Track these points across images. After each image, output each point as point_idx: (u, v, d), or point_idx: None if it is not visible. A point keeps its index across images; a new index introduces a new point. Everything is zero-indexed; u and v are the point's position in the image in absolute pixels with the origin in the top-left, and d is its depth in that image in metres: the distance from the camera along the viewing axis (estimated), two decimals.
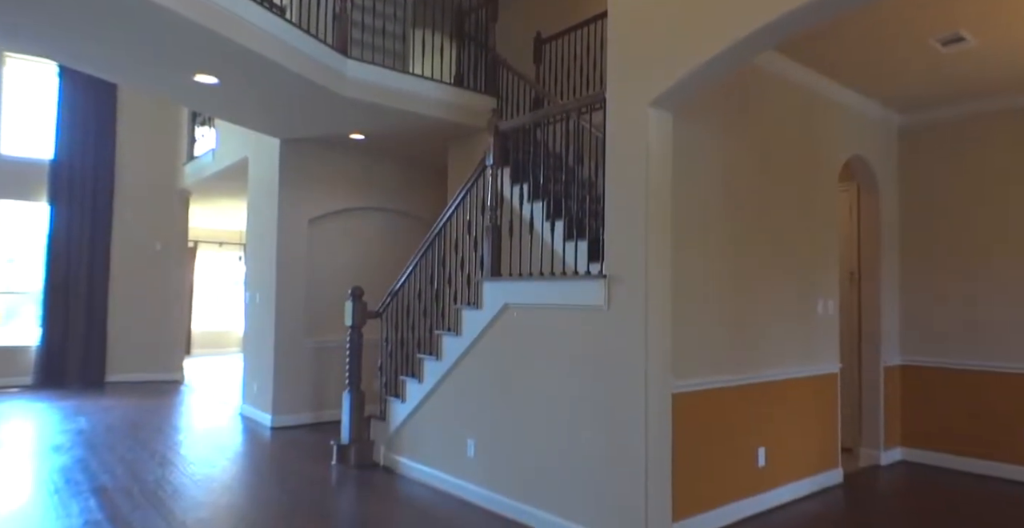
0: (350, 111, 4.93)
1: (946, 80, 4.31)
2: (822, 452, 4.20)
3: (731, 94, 3.69)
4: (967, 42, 3.69)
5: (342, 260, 6.28)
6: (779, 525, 3.49)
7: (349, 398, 4.58)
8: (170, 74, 4.26)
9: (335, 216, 6.26)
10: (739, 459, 3.59)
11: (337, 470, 4.40)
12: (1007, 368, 4.52)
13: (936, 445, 4.82)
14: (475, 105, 5.24)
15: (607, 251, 3.06)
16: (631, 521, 2.88)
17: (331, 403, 5.98)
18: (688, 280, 3.33)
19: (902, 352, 5.02)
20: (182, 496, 3.79)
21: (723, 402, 3.50)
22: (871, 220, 5.00)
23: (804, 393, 4.08)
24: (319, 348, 6.02)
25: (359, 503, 3.77)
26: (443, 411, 4.04)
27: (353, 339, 4.62)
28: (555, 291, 3.31)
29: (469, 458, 3.80)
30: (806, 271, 4.18)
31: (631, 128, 2.99)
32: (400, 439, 4.40)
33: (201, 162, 7.91)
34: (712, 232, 3.52)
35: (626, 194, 2.99)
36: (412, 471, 4.24)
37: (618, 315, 2.99)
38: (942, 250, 4.90)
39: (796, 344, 4.06)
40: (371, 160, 6.46)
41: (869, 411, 4.86)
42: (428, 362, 4.15)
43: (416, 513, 3.59)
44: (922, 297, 4.97)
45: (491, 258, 3.82)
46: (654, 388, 2.88)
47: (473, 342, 3.83)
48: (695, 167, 3.43)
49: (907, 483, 4.34)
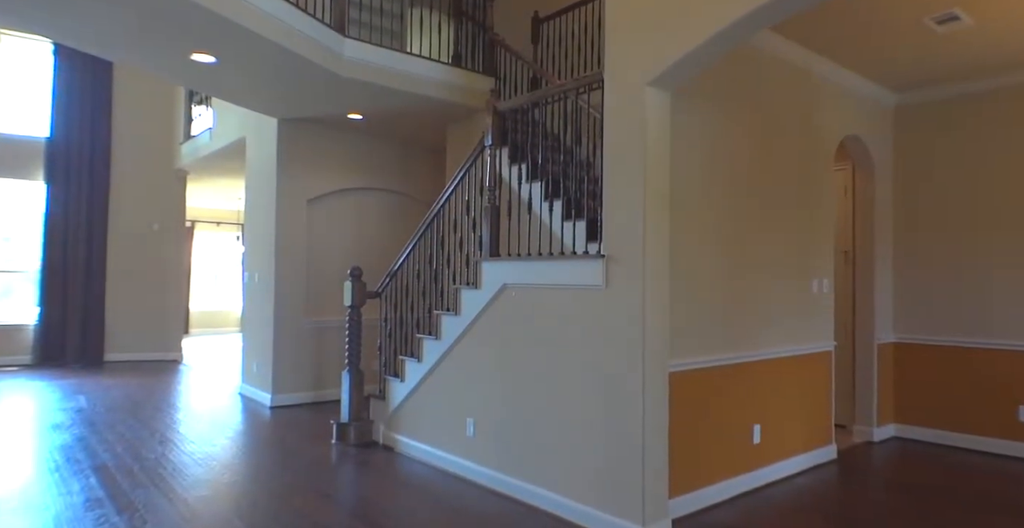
0: (348, 91, 4.91)
1: (941, 59, 4.31)
2: (816, 429, 4.27)
3: (727, 74, 3.69)
4: (961, 21, 3.68)
5: (341, 240, 6.29)
6: (773, 500, 3.56)
7: (348, 377, 4.63)
8: (166, 53, 4.23)
9: (334, 196, 6.25)
10: (734, 436, 3.65)
11: (337, 449, 4.46)
12: (997, 345, 4.58)
13: (928, 421, 4.90)
14: (473, 85, 5.21)
15: (605, 231, 3.08)
16: (628, 497, 2.94)
17: (330, 382, 6.04)
18: (684, 259, 3.36)
19: (895, 330, 5.08)
20: (183, 474, 3.85)
21: (719, 380, 3.55)
22: (866, 199, 5.02)
23: (799, 371, 4.14)
24: (318, 328, 6.05)
25: (359, 481, 3.83)
26: (442, 390, 4.09)
27: (352, 319, 4.65)
28: (553, 271, 3.33)
29: (468, 437, 3.85)
30: (801, 250, 4.21)
31: (629, 108, 2.98)
32: (399, 418, 4.45)
33: (198, 142, 7.86)
34: (708, 212, 3.54)
35: (624, 174, 3.00)
36: (411, 450, 4.30)
37: (616, 295, 3.02)
38: (935, 229, 4.93)
39: (791, 322, 4.10)
40: (369, 140, 6.43)
41: (862, 388, 4.94)
42: (427, 342, 4.19)
43: (415, 491, 3.65)
44: (915, 275, 5.02)
45: (490, 238, 3.83)
46: (651, 367, 2.92)
47: (472, 322, 3.86)
48: (691, 147, 3.44)
49: (899, 459, 4.42)
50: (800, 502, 3.54)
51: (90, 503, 3.32)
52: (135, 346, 8.55)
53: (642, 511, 2.88)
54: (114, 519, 3.11)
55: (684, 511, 3.29)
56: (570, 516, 3.18)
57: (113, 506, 3.29)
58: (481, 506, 3.40)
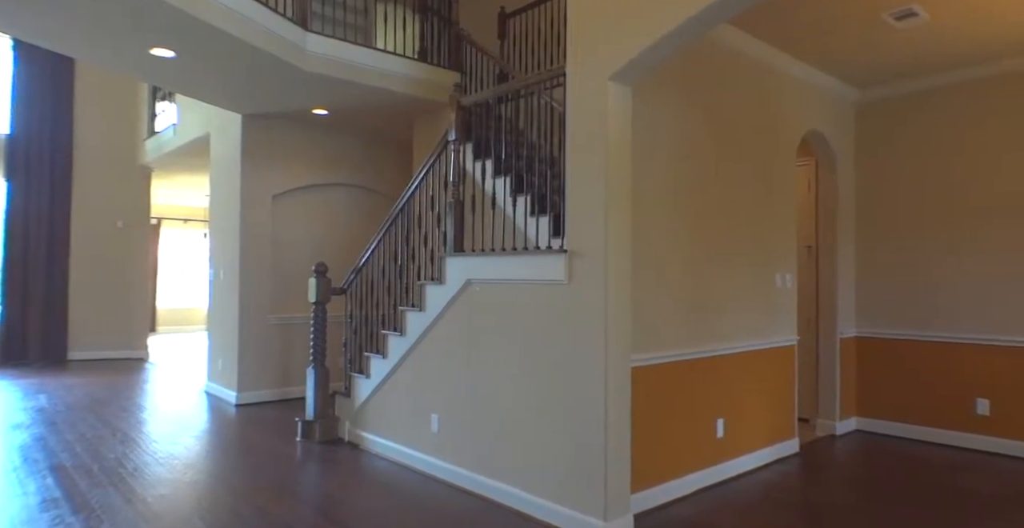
0: (312, 86, 4.84)
1: (899, 55, 4.38)
2: (779, 423, 4.33)
3: (689, 69, 3.71)
4: (919, 17, 3.74)
5: (306, 236, 6.22)
6: (736, 495, 3.60)
7: (314, 374, 4.58)
8: (125, 48, 4.13)
9: (299, 192, 6.18)
10: (698, 430, 3.69)
11: (302, 446, 4.42)
12: (956, 338, 4.68)
13: (889, 414, 4.99)
14: (439, 80, 5.18)
15: (567, 226, 3.08)
16: (590, 493, 2.95)
17: (296, 380, 5.98)
18: (647, 254, 3.37)
19: (857, 324, 5.17)
20: (143, 473, 3.78)
21: (683, 374, 3.58)
22: (828, 195, 5.09)
23: (763, 365, 4.19)
24: (284, 325, 5.98)
25: (323, 478, 3.79)
26: (407, 386, 4.06)
27: (317, 315, 4.60)
28: (517, 266, 3.33)
29: (433, 433, 3.84)
30: (765, 245, 4.25)
31: (591, 102, 2.99)
32: (365, 415, 4.42)
33: (162, 138, 7.71)
34: (671, 206, 3.56)
35: (586, 168, 3.00)
36: (376, 446, 4.27)
37: (579, 290, 3.02)
38: (895, 224, 5.02)
39: (755, 317, 4.15)
40: (335, 136, 6.36)
41: (825, 382, 5.01)
42: (392, 338, 4.16)
43: (380, 487, 3.63)
44: (876, 270, 5.11)
45: (454, 234, 3.81)
46: (614, 361, 2.93)
47: (436, 318, 3.84)
48: (654, 142, 3.45)
49: (861, 452, 4.50)
50: (763, 496, 3.58)
51: (46, 504, 3.24)
52: (99, 344, 8.37)
53: (604, 506, 2.89)
54: (69, 520, 3.04)
55: (646, 506, 3.31)
56: (533, 512, 3.19)
57: (69, 506, 3.21)
58: (445, 502, 3.39)
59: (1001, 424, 4.47)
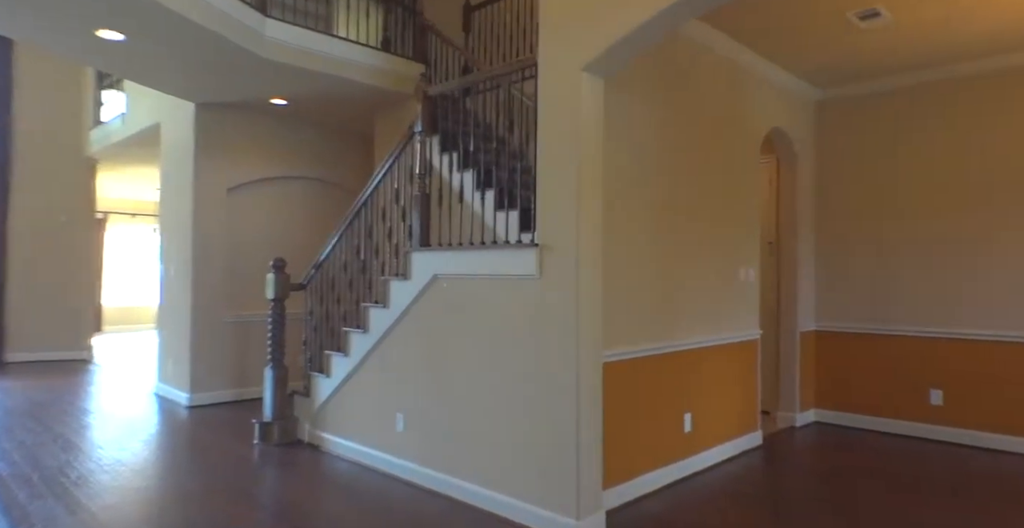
0: (270, 74, 4.66)
1: (862, 55, 4.46)
2: (743, 416, 4.37)
3: (659, 64, 3.69)
4: (883, 17, 3.80)
5: (263, 231, 6.01)
6: (704, 488, 3.61)
7: (271, 374, 4.41)
8: (69, 29, 3.89)
9: (256, 185, 5.96)
10: (666, 425, 3.68)
11: (259, 449, 4.25)
12: (911, 332, 4.81)
13: (846, 406, 5.10)
14: (403, 71, 5.05)
15: (539, 219, 3.01)
16: (563, 491, 2.89)
17: (252, 380, 5.77)
18: (615, 249, 3.34)
19: (817, 318, 5.26)
20: (88, 482, 3.56)
21: (651, 369, 3.56)
22: (789, 191, 5.17)
23: (727, 359, 4.21)
24: (239, 323, 5.77)
25: (282, 481, 3.65)
26: (370, 385, 3.94)
27: (275, 313, 4.43)
28: (486, 261, 3.25)
29: (398, 432, 3.73)
30: (729, 240, 4.28)
31: (564, 93, 2.92)
32: (325, 415, 4.28)
33: (109, 128, 7.35)
34: (638, 201, 3.53)
35: (558, 161, 2.94)
36: (338, 448, 4.14)
37: (550, 284, 2.96)
38: (853, 220, 5.13)
39: (720, 311, 4.17)
40: (294, 127, 6.16)
41: (786, 375, 5.09)
42: (354, 336, 4.03)
43: (343, 490, 3.51)
44: (835, 265, 5.21)
45: (420, 228, 3.71)
46: (585, 357, 2.88)
47: (401, 314, 3.73)
48: (621, 136, 3.42)
49: (821, 443, 4.58)
50: (731, 489, 3.59)
51: None
52: (40, 345, 7.94)
53: (576, 504, 2.84)
54: None
55: (617, 502, 3.28)
56: (504, 512, 3.12)
57: (6, 520, 2.99)
58: (412, 504, 3.29)
59: (953, 413, 4.61)
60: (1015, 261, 4.41)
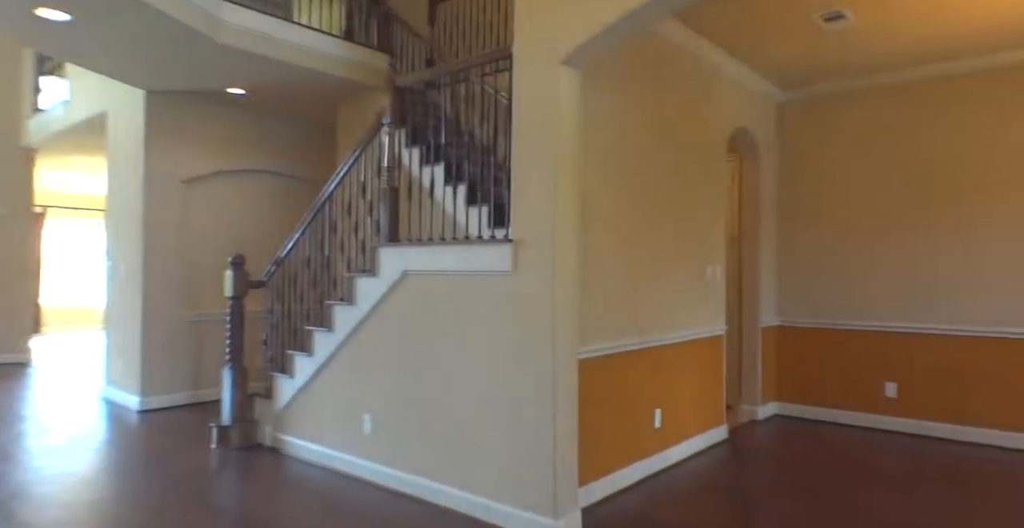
0: (227, 61, 4.46)
1: (826, 57, 4.54)
2: (710, 411, 4.41)
3: (633, 60, 3.67)
4: (848, 20, 3.88)
5: (221, 226, 5.77)
6: (674, 483, 3.62)
7: (230, 375, 4.23)
8: (5, 6, 3.62)
9: (212, 178, 5.72)
10: (638, 421, 3.67)
11: (218, 454, 4.07)
12: (866, 326, 4.95)
13: (806, 399, 5.22)
14: (367, 62, 4.91)
15: (513, 214, 2.95)
16: (539, 490, 2.84)
17: (209, 381, 5.54)
18: (587, 245, 3.30)
19: (778, 313, 5.36)
20: (27, 495, 3.32)
21: (622, 366, 3.55)
22: (752, 189, 5.25)
23: (695, 355, 4.24)
24: (196, 321, 5.53)
25: (243, 487, 3.50)
26: (336, 386, 3.81)
27: (234, 311, 4.25)
28: (459, 257, 3.17)
29: (365, 434, 3.62)
30: (697, 237, 4.31)
31: (541, 86, 2.87)
32: (288, 417, 4.13)
33: (49, 116, 6.94)
34: (609, 197, 3.50)
35: (535, 154, 2.88)
36: (302, 451, 4.00)
37: (525, 280, 2.90)
38: (813, 218, 5.24)
39: (689, 307, 4.19)
40: (253, 118, 5.94)
41: (748, 370, 5.18)
42: (319, 334, 3.89)
43: (308, 495, 3.38)
44: (795, 262, 5.32)
45: (389, 223, 3.60)
46: (562, 353, 2.84)
47: (369, 312, 3.62)
48: (595, 133, 3.38)
49: (783, 435, 4.67)
50: (700, 484, 3.62)
51: None
52: None
53: (553, 503, 2.79)
54: None
55: (591, 499, 3.26)
56: (479, 513, 3.05)
57: None
58: (381, 508, 3.19)
59: (907, 405, 4.76)
60: (966, 258, 4.57)
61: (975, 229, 4.54)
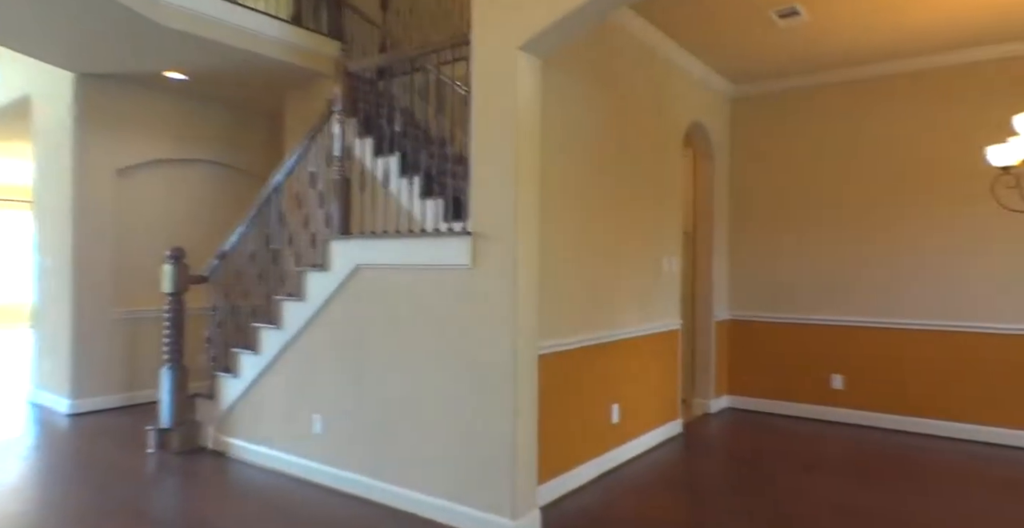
0: (166, 43, 4.20)
1: (779, 53, 4.59)
2: (666, 405, 4.42)
3: (592, 52, 3.62)
4: (801, 16, 3.92)
5: (160, 218, 5.47)
6: (632, 479, 3.60)
7: (169, 375, 4.00)
8: None
9: (151, 167, 5.41)
10: (596, 417, 3.64)
11: (156, 459, 3.84)
12: (816, 320, 5.05)
13: (757, 392, 5.30)
14: (316, 48, 4.72)
15: (472, 206, 2.86)
16: (497, 490, 2.77)
17: (146, 382, 5.26)
18: (545, 238, 3.24)
19: (730, 307, 5.43)
20: None
21: (581, 361, 3.50)
22: (706, 184, 5.29)
23: (652, 349, 4.24)
24: (130, 319, 5.23)
25: (185, 494, 3.30)
26: (285, 385, 3.65)
27: (173, 308, 4.02)
28: (416, 250, 3.05)
29: (315, 435, 3.47)
30: (654, 230, 4.30)
31: (499, 73, 2.77)
32: (233, 419, 3.93)
33: None
34: (567, 189, 3.45)
35: (494, 144, 2.79)
36: (248, 453, 3.81)
37: (484, 274, 2.81)
38: (765, 213, 5.32)
39: (646, 301, 4.18)
40: (196, 104, 5.65)
41: (702, 363, 5.22)
42: (266, 332, 3.71)
43: (254, 500, 3.22)
44: (747, 256, 5.39)
45: (340, 215, 3.45)
46: (523, 350, 2.76)
47: (320, 308, 3.47)
48: (551, 124, 3.31)
49: (735, 428, 4.72)
50: (658, 478, 3.61)
51: None
52: None
53: (512, 503, 2.72)
54: None
55: (550, 498, 3.21)
56: (435, 515, 2.96)
57: None
58: (333, 512, 3.06)
59: (853, 396, 4.88)
60: (909, 252, 4.71)
61: (918, 225, 4.68)
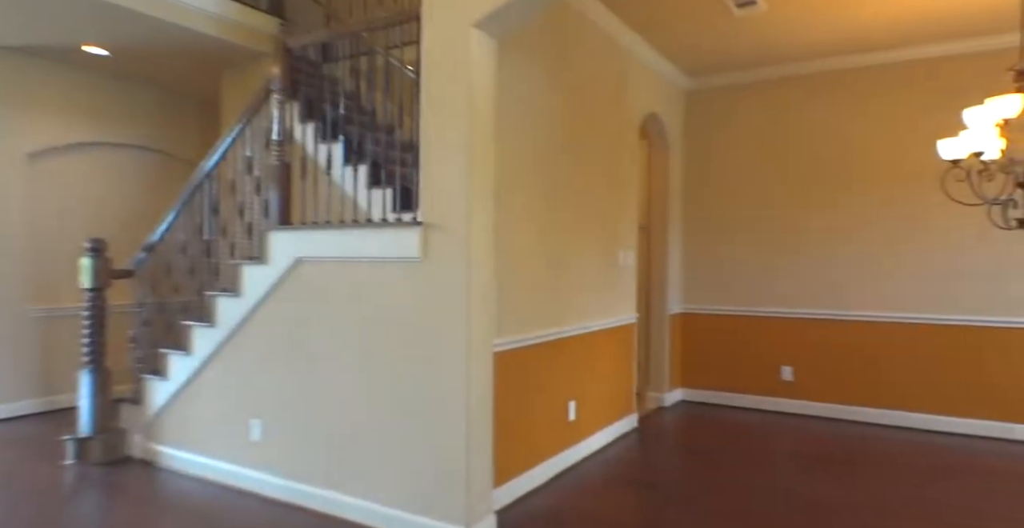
0: (79, 11, 3.81)
1: (735, 44, 4.55)
2: (621, 399, 4.34)
3: (548, 37, 3.46)
4: (757, 6, 3.86)
5: (83, 207, 5.04)
6: (589, 476, 3.50)
7: (90, 378, 3.66)
8: None
9: (69, 151, 4.97)
10: (552, 415, 3.51)
11: (75, 470, 3.51)
12: (765, 312, 5.08)
13: (709, 384, 5.31)
14: (254, 25, 4.39)
15: (423, 195, 2.67)
16: (451, 497, 2.60)
17: (64, 386, 4.85)
18: (499, 230, 3.08)
19: (683, 300, 5.41)
20: None
21: (538, 359, 3.37)
22: (661, 176, 5.23)
23: (609, 344, 4.15)
24: (48, 317, 4.80)
25: (107, 509, 3.01)
26: (220, 388, 3.38)
27: (93, 305, 3.67)
28: (362, 242, 2.84)
29: (254, 441, 3.22)
30: (611, 222, 4.20)
31: (451, 51, 2.59)
32: (162, 425, 3.63)
33: None
34: (521, 180, 3.29)
35: (447, 127, 2.60)
36: (179, 462, 3.53)
37: (436, 268, 2.63)
38: (715, 207, 5.31)
39: (602, 295, 4.08)
40: (122, 84, 5.22)
41: (656, 357, 5.19)
42: (198, 330, 3.43)
43: (185, 513, 2.95)
44: (700, 249, 5.38)
45: (280, 203, 3.20)
46: (477, 347, 2.60)
47: (258, 304, 3.21)
48: (506, 111, 3.14)
49: (689, 421, 4.70)
50: (614, 474, 3.53)
51: None
52: None
53: (466, 510, 2.57)
54: None
55: (506, 500, 3.07)
56: (384, 525, 2.77)
57: None
58: (274, 523, 2.83)
59: (802, 388, 4.93)
60: (856, 246, 4.76)
61: (866, 219, 4.73)
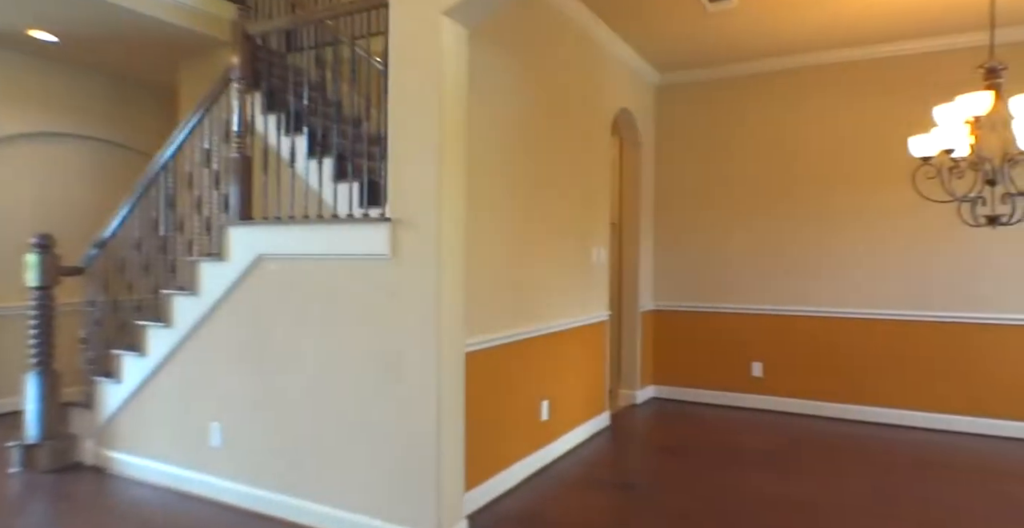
0: None
1: (707, 39, 4.52)
2: (594, 398, 4.30)
3: (520, 29, 3.38)
4: (730, 1, 3.83)
5: (26, 201, 4.79)
6: (562, 477, 3.44)
7: (37, 381, 3.47)
8: None
9: (13, 143, 4.71)
10: (525, 415, 3.44)
11: (22, 479, 3.32)
12: (735, 309, 5.08)
13: (680, 381, 5.30)
14: (212, 10, 4.21)
15: (391, 189, 2.56)
16: (420, 502, 2.51)
17: (9, 389, 4.61)
18: (471, 227, 2.99)
19: (654, 297, 5.39)
20: None
21: (510, 358, 3.29)
22: (632, 173, 5.20)
23: (581, 342, 4.09)
24: None
25: (57, 520, 2.84)
26: (177, 390, 3.22)
27: (41, 304, 3.48)
28: (327, 238, 2.72)
29: (213, 447, 3.08)
30: (583, 219, 4.14)
31: (421, 40, 2.48)
32: (115, 430, 3.46)
33: None
34: (491, 175, 3.20)
35: (416, 118, 2.50)
36: (134, 469, 3.36)
37: (406, 265, 2.53)
38: (687, 204, 5.30)
39: (574, 293, 4.02)
40: (73, 73, 4.97)
41: (628, 354, 5.16)
42: (154, 330, 3.27)
43: (140, 522, 2.81)
44: (671, 246, 5.36)
45: (239, 198, 3.06)
46: (448, 348, 2.51)
47: (217, 303, 3.07)
48: (475, 103, 3.05)
49: (661, 418, 4.69)
50: (588, 474, 3.48)
51: None
52: None
53: (437, 514, 2.48)
54: None
55: (478, 504, 2.99)
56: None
57: None
58: None
59: (771, 384, 4.96)
60: (826, 243, 4.79)
61: (834, 216, 4.76)
